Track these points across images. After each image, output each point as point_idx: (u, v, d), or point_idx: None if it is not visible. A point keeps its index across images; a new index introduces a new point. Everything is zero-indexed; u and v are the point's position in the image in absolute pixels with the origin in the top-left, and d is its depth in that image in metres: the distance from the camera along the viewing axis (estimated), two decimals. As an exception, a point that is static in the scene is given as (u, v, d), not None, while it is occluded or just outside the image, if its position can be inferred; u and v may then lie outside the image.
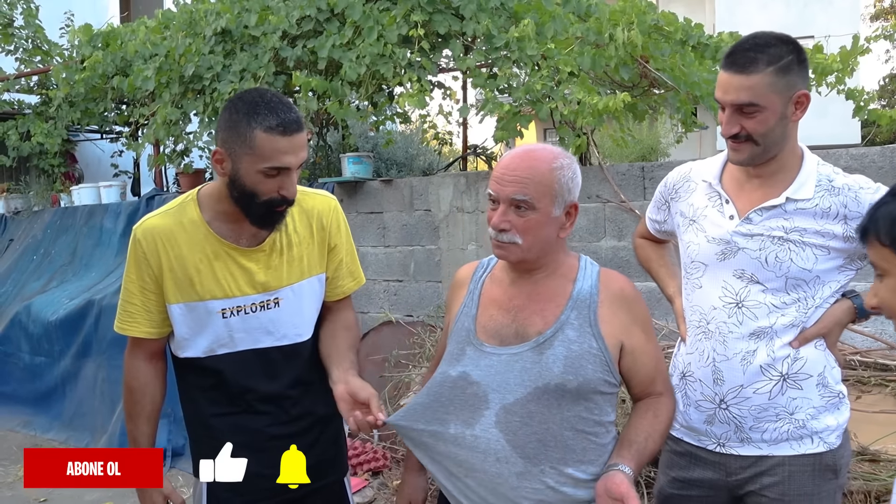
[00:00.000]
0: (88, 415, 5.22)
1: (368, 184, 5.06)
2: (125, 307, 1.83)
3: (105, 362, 5.15)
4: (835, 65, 4.61)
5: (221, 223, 1.77)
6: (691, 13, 13.21)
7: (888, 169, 3.68)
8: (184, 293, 1.77)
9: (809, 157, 1.72)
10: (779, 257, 1.67)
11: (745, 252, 1.70)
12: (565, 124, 4.39)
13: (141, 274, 1.79)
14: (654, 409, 1.66)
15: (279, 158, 1.63)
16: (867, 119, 5.32)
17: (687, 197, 1.86)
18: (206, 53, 5.28)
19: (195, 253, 1.76)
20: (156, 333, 1.83)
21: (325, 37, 4.82)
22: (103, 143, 8.06)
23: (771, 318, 1.69)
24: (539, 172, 1.55)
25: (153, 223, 1.79)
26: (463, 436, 1.59)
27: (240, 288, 1.77)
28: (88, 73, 6.14)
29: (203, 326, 1.79)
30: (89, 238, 6.26)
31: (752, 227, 1.70)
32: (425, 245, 4.85)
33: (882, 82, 23.67)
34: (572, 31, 4.54)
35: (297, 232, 1.83)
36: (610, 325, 1.60)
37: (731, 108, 1.64)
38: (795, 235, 1.66)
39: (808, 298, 1.69)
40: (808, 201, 1.67)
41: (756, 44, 1.62)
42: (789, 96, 1.63)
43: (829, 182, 1.68)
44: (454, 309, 1.76)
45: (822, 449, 1.72)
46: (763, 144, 1.64)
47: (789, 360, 1.69)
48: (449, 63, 5.42)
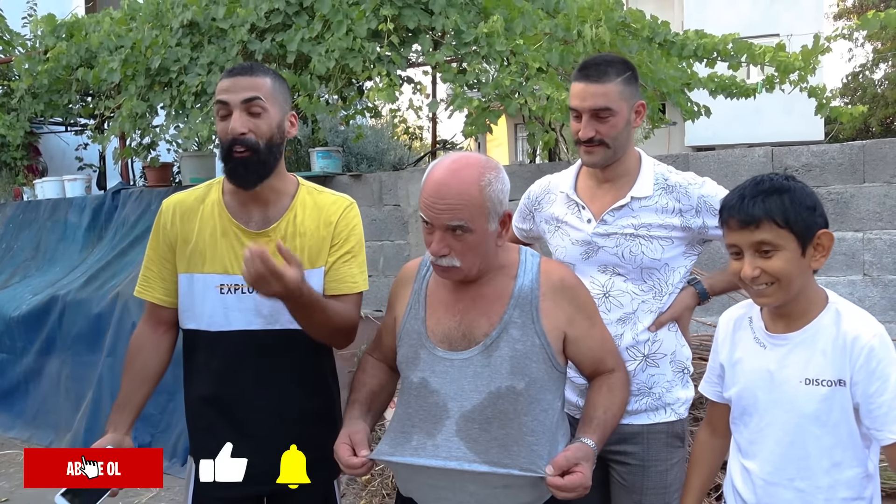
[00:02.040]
0: (52, 412, 5.13)
1: (337, 178, 5.04)
2: (144, 272, 1.94)
3: (69, 359, 5.07)
4: (797, 63, 4.71)
5: (236, 205, 1.88)
6: (660, 10, 13.36)
7: (847, 165, 3.77)
8: (190, 264, 1.87)
9: (646, 159, 2.00)
10: (632, 251, 1.92)
11: (604, 250, 1.94)
12: (534, 120, 4.42)
13: (159, 242, 1.91)
14: (608, 384, 1.70)
15: (220, 94, 1.78)
16: (829, 116, 5.44)
17: (549, 207, 2.08)
18: (173, 46, 5.21)
19: (207, 228, 1.87)
20: (168, 302, 1.92)
21: (293, 30, 4.79)
22: (68, 136, 7.92)
23: (633, 304, 1.94)
24: (470, 196, 1.54)
25: (179, 198, 1.94)
26: (424, 446, 1.60)
27: (240, 267, 1.75)
28: (52, 64, 6.02)
29: (202, 299, 1.86)
30: (53, 232, 6.15)
31: (608, 227, 1.94)
32: (394, 240, 4.85)
33: (845, 80, 24.17)
34: (541, 28, 4.58)
35: (304, 224, 1.88)
36: (553, 319, 1.63)
37: (588, 114, 1.88)
38: (643, 231, 1.91)
39: (662, 284, 1.95)
40: (649, 199, 1.92)
41: (605, 60, 1.91)
42: (632, 104, 1.91)
43: (665, 180, 1.94)
44: (399, 307, 1.76)
45: (674, 418, 1.97)
46: (613, 147, 1.90)
47: (649, 342, 1.94)
48: (418, 58, 5.42)
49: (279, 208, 1.87)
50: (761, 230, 1.47)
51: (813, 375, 1.51)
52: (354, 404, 1.77)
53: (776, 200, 1.47)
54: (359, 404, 1.76)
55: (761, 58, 4.88)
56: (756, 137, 16.04)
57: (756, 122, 16.47)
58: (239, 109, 1.77)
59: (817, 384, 1.51)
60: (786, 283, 1.49)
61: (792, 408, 1.53)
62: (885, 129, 22.41)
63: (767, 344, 1.59)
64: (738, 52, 4.97)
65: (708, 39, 5.05)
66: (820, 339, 1.52)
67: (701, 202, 1.91)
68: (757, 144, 11.60)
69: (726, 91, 5.39)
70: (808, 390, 1.51)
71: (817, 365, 1.51)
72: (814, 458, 1.53)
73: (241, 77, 1.78)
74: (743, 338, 1.66)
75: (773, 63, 4.83)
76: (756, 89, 5.37)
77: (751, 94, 5.41)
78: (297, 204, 1.89)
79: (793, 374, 1.53)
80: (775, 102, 13.51)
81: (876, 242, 3.66)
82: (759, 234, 1.48)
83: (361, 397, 1.78)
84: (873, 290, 3.66)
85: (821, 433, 1.52)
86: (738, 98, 5.50)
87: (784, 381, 1.54)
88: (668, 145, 14.31)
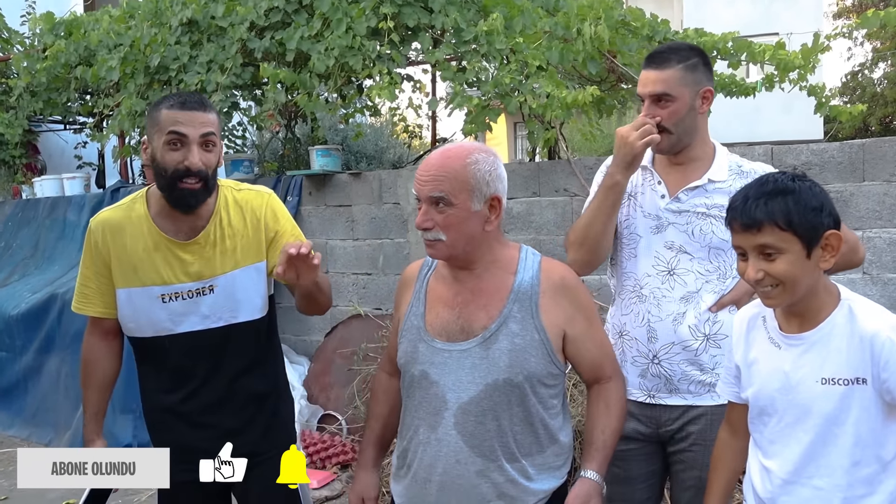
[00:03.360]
0: (52, 410, 5.13)
1: (337, 177, 5.04)
2: (81, 290, 2.05)
3: (68, 357, 5.06)
4: (797, 61, 4.70)
5: (163, 219, 1.96)
6: (659, 9, 13.34)
7: (847, 164, 3.77)
8: (128, 279, 1.97)
9: (720, 148, 2.04)
10: (703, 230, 1.95)
11: (674, 226, 1.98)
12: (534, 118, 4.42)
13: (94, 260, 2.01)
14: (605, 398, 1.73)
15: (177, 126, 1.85)
16: (829, 115, 5.43)
17: None
18: (173, 44, 5.20)
19: (138, 244, 1.96)
20: (109, 313, 2.03)
21: (293, 28, 4.78)
22: (66, 134, 7.90)
23: (698, 284, 1.96)
24: (452, 169, 1.60)
25: (105, 216, 2.02)
26: (428, 440, 1.64)
27: (177, 276, 1.96)
28: (51, 62, 6.00)
29: (146, 309, 1.97)
30: (52, 231, 6.14)
31: (681, 204, 1.98)
32: (394, 238, 4.85)
33: (844, 79, 24.16)
34: (541, 26, 4.57)
35: (232, 225, 1.99)
36: (552, 316, 1.65)
37: (650, 100, 1.93)
38: (715, 211, 1.93)
39: (727, 267, 1.97)
40: (723, 182, 1.96)
41: (670, 48, 1.98)
42: (697, 90, 1.93)
43: (739, 167, 2.00)
44: (402, 308, 1.80)
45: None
46: (676, 133, 1.93)
47: (709, 322, 1.96)
48: (418, 56, 5.41)
49: (204, 215, 1.97)
50: (763, 233, 1.46)
51: (829, 375, 1.49)
52: (368, 447, 1.88)
53: (779, 203, 1.45)
54: (372, 447, 1.88)
55: (761, 56, 4.86)
56: (756, 136, 16.02)
57: (756, 121, 16.45)
58: (197, 144, 1.86)
59: (834, 383, 1.49)
60: (790, 286, 1.48)
61: (810, 408, 1.52)
62: (885, 128, 22.41)
63: (782, 344, 1.57)
64: (737, 51, 4.96)
65: (707, 38, 5.03)
66: (834, 337, 1.50)
67: None
68: (757, 143, 11.61)
69: (726, 90, 5.37)
70: (826, 390, 1.50)
71: (833, 364, 1.49)
72: (834, 457, 1.52)
73: (197, 112, 1.87)
74: (757, 338, 1.64)
75: (772, 61, 4.82)
76: (755, 88, 5.36)
77: (750, 93, 5.40)
78: (220, 207, 2.00)
79: (809, 375, 1.52)
80: (775, 101, 13.49)
81: (875, 241, 3.66)
82: (762, 237, 1.46)
83: (375, 436, 1.88)
84: (872, 288, 3.66)
85: (840, 432, 1.50)
86: (738, 97, 5.48)
87: (800, 381, 1.53)
88: (668, 144, 14.31)
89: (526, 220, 4.43)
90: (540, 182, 4.40)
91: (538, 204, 4.40)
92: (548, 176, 4.38)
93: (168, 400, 2.02)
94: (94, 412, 2.10)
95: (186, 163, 1.84)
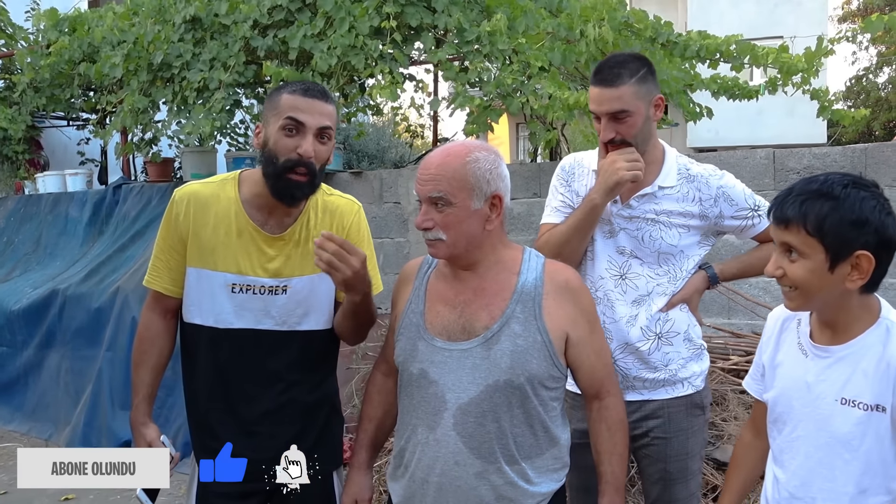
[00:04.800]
0: (52, 406, 5.14)
1: (338, 175, 5.04)
2: (153, 262, 1.94)
3: (69, 353, 5.08)
4: (800, 65, 4.70)
5: (253, 206, 1.88)
6: (664, 10, 13.31)
7: (849, 168, 3.76)
8: (202, 259, 1.87)
9: (669, 150, 2.08)
10: (651, 235, 2.01)
11: (625, 232, 2.03)
12: (536, 119, 4.42)
13: (170, 232, 1.91)
14: (606, 419, 1.72)
15: (296, 112, 1.77)
16: (832, 119, 5.43)
17: (580, 179, 2.14)
18: (176, 41, 5.21)
19: (222, 226, 1.87)
20: (174, 292, 1.93)
21: (296, 27, 4.79)
22: (70, 130, 7.91)
23: (648, 287, 2.03)
24: (451, 168, 1.58)
25: (193, 188, 1.92)
26: (427, 441, 1.62)
27: (253, 269, 1.87)
28: (54, 58, 6.02)
29: (211, 295, 1.87)
30: (54, 227, 6.15)
31: (632, 210, 2.02)
32: (394, 238, 4.85)
33: (849, 83, 24.12)
34: (543, 27, 4.57)
35: (318, 228, 1.90)
36: (555, 317, 1.63)
37: (607, 117, 1.95)
38: (664, 217, 2.00)
39: (676, 270, 2.04)
40: (672, 188, 2.02)
41: (617, 62, 1.96)
42: (649, 100, 1.96)
43: (687, 171, 2.04)
44: (400, 305, 1.78)
45: (691, 391, 2.07)
46: (635, 143, 1.96)
47: (661, 321, 2.03)
48: (421, 56, 5.42)
49: (294, 213, 1.90)
50: (790, 232, 1.38)
51: (850, 396, 1.41)
52: (361, 449, 1.86)
53: (816, 206, 1.35)
54: (365, 448, 1.86)
55: (764, 59, 4.86)
56: (758, 140, 15.99)
57: (758, 124, 16.42)
58: (313, 134, 1.78)
59: (853, 405, 1.41)
60: (804, 293, 1.40)
61: (825, 425, 1.45)
62: (888, 133, 22.37)
63: (809, 353, 1.49)
64: (741, 54, 4.96)
65: (711, 40, 5.04)
66: (863, 357, 1.41)
67: (719, 192, 2.01)
68: (759, 146, 11.59)
69: (729, 92, 5.38)
70: (844, 410, 1.42)
71: (856, 385, 1.41)
72: (840, 482, 1.45)
73: (319, 101, 1.80)
74: (787, 340, 1.57)
75: (776, 65, 4.82)
76: (759, 91, 5.36)
77: (753, 96, 5.40)
78: (309, 208, 1.92)
79: (830, 391, 1.44)
80: (778, 105, 13.47)
81: (876, 245, 3.65)
82: (787, 235, 1.39)
83: (368, 438, 1.86)
84: (873, 292, 3.65)
85: (850, 458, 1.43)
86: (741, 100, 5.48)
87: (820, 396, 1.45)
88: (671, 145, 14.31)
89: (527, 220, 4.43)
90: (541, 183, 4.40)
91: (539, 205, 4.39)
92: (549, 177, 4.33)
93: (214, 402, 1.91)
94: (146, 394, 1.95)
95: (300, 150, 1.76)
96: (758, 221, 2.05)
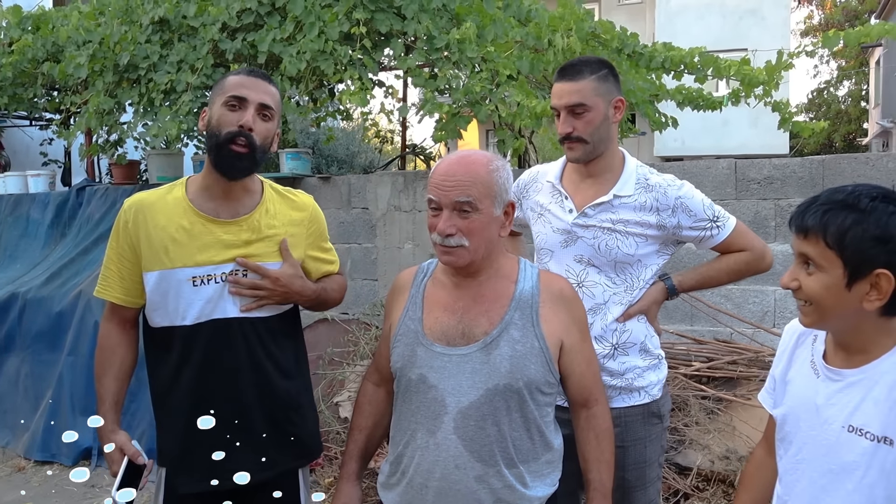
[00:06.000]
0: (10, 412, 5.02)
1: (306, 180, 5.02)
2: (104, 272, 1.96)
3: (29, 357, 4.97)
4: (761, 77, 4.81)
5: (203, 199, 1.91)
6: (632, 21, 13.51)
7: (807, 179, 3.86)
8: (158, 262, 1.88)
9: (629, 159, 2.09)
10: (608, 244, 2.01)
11: (582, 240, 2.04)
12: (504, 126, 4.46)
13: (120, 242, 1.92)
14: (594, 427, 1.74)
15: (238, 90, 1.85)
16: (792, 130, 5.57)
17: (535, 195, 2.17)
18: (143, 42, 5.16)
19: (172, 225, 1.88)
20: (128, 301, 1.95)
21: (265, 31, 4.77)
22: (32, 130, 7.77)
23: (605, 296, 2.03)
24: (479, 175, 1.61)
25: (140, 196, 1.96)
26: (427, 445, 1.63)
27: (211, 258, 1.88)
28: (17, 56, 5.91)
29: (175, 295, 1.88)
30: (14, 228, 6.02)
31: (588, 219, 2.03)
32: (362, 243, 4.85)
33: (810, 96, 24.67)
34: (512, 35, 4.62)
35: (278, 216, 1.96)
36: (551, 325, 1.66)
37: (565, 111, 1.99)
38: (620, 226, 2.01)
39: (634, 279, 2.04)
40: (629, 197, 2.02)
41: (581, 61, 2.03)
42: (609, 100, 2.00)
43: (646, 180, 2.05)
44: (395, 314, 1.78)
45: (648, 400, 2.07)
46: (592, 142, 1.99)
47: (618, 332, 2.04)
48: (390, 62, 5.43)
49: (249, 203, 1.94)
50: (808, 242, 1.30)
51: (858, 424, 1.32)
52: (350, 460, 1.85)
53: (838, 217, 1.27)
54: (354, 459, 1.85)
55: (726, 71, 4.98)
56: (723, 149, 16.30)
57: (724, 135, 16.75)
58: (254, 108, 1.85)
59: (861, 434, 1.31)
60: (819, 309, 1.32)
61: (829, 452, 1.36)
62: (848, 145, 22.91)
63: (821, 373, 1.40)
64: (704, 66, 5.07)
65: (675, 52, 5.14)
66: (875, 384, 1.31)
67: (678, 203, 2.01)
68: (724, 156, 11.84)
69: (693, 103, 5.49)
70: (850, 439, 1.33)
71: (865, 414, 1.32)
72: None
73: (261, 80, 1.88)
74: (801, 357, 1.49)
75: (737, 77, 4.94)
76: (722, 102, 5.48)
77: (717, 107, 5.52)
78: (266, 200, 1.97)
79: (838, 416, 1.35)
80: (742, 116, 13.75)
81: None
82: (805, 245, 1.31)
83: (358, 449, 1.85)
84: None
85: (853, 489, 1.33)
86: (705, 110, 5.60)
87: (828, 420, 1.36)
88: (638, 155, 14.50)
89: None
90: (509, 190, 4.43)
91: (507, 211, 4.43)
92: (517, 184, 4.42)
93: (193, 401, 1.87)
94: (112, 402, 1.93)
95: (241, 121, 1.82)
96: (717, 232, 2.04)
